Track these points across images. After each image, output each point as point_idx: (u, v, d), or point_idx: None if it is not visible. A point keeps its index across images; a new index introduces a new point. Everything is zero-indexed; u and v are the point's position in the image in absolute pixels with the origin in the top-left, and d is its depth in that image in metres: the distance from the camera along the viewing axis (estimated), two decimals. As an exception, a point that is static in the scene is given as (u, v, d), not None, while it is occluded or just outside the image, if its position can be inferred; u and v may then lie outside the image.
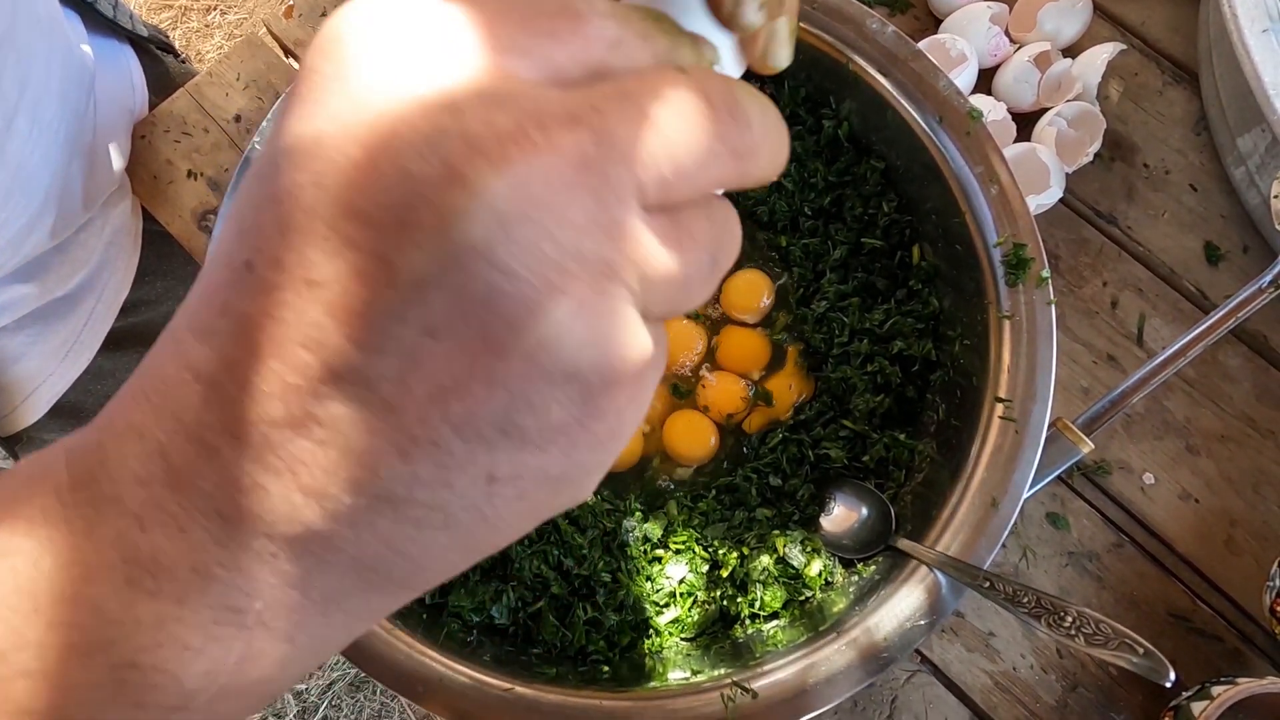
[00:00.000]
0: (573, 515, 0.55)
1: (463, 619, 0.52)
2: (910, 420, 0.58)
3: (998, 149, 0.55)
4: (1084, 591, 0.62)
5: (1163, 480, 0.64)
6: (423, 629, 0.48)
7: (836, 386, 0.60)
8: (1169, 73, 0.74)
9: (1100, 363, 0.66)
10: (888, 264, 0.61)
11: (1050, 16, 0.70)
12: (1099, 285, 0.68)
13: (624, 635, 0.52)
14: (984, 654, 0.61)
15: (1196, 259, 0.69)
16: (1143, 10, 0.76)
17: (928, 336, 0.58)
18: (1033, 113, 0.71)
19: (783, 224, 0.64)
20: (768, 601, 0.53)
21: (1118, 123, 0.72)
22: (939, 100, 0.56)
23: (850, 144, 0.63)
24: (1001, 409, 0.50)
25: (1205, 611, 0.61)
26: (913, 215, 0.61)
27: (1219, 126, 0.69)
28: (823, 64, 0.60)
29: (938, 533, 0.49)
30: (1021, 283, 0.52)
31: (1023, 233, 0.53)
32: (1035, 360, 0.51)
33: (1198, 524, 0.63)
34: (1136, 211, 0.70)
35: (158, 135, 0.75)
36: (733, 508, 0.58)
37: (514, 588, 0.52)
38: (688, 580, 0.54)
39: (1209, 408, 0.65)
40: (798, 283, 0.64)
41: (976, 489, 0.49)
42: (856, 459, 0.58)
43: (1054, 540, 0.63)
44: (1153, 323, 0.67)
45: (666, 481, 0.61)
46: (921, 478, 0.55)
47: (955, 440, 0.53)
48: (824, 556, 0.54)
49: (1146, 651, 0.34)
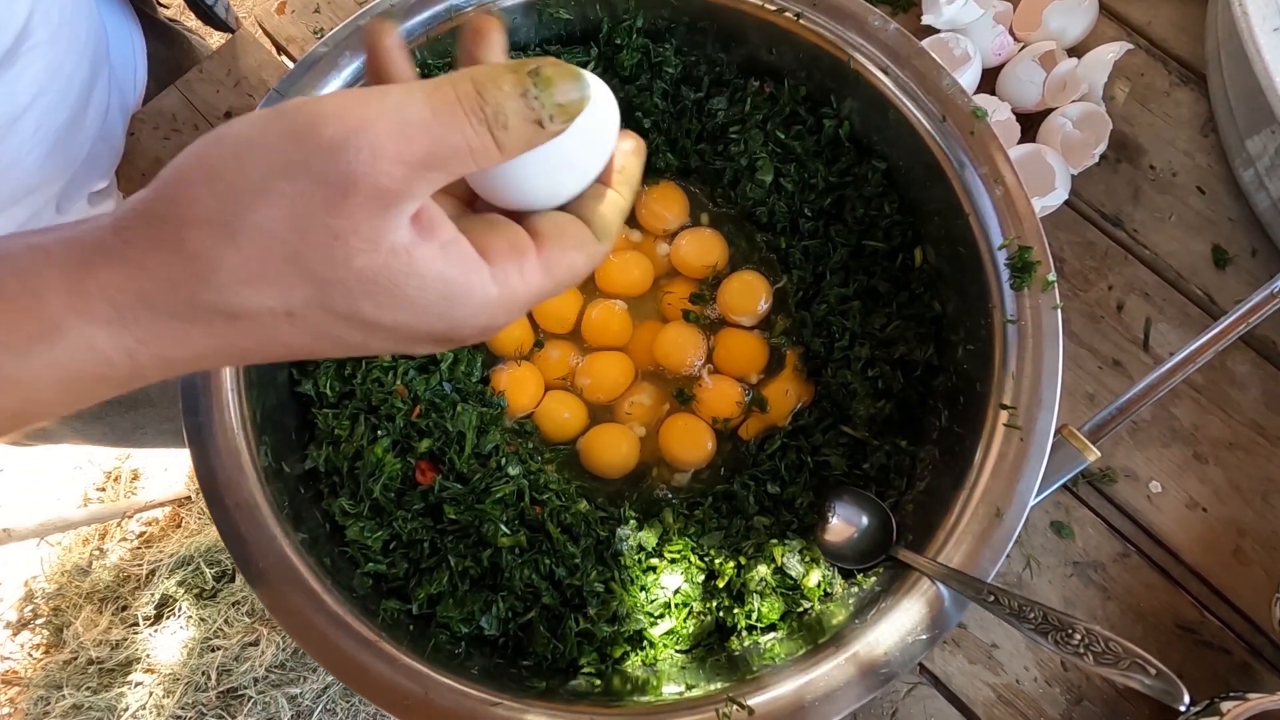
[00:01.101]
0: (565, 523, 0.54)
1: (451, 630, 0.50)
2: (912, 427, 0.57)
3: (1002, 149, 0.53)
4: (1089, 602, 0.60)
5: (1169, 489, 0.63)
6: (409, 640, 0.47)
7: (836, 392, 0.59)
8: (1176, 73, 0.72)
9: (1106, 368, 0.65)
10: (889, 267, 0.60)
11: (1056, 15, 0.69)
12: (1104, 289, 0.67)
13: (617, 647, 0.51)
14: (987, 666, 0.59)
15: (1204, 262, 0.68)
16: (1149, 9, 0.74)
17: (930, 341, 0.57)
18: (1037, 113, 0.70)
19: (782, 225, 0.63)
20: (765, 613, 0.51)
21: (1124, 124, 0.71)
22: (942, 99, 0.55)
23: (851, 144, 0.61)
24: (1006, 416, 0.49)
25: (1213, 623, 0.60)
26: (915, 217, 0.59)
27: (1227, 128, 0.68)
28: (823, 62, 0.59)
29: (940, 543, 0.48)
30: (1026, 286, 0.51)
31: (1028, 235, 0.52)
32: (1040, 366, 0.49)
33: (1205, 533, 0.61)
34: (1143, 214, 0.69)
35: (146, 133, 0.74)
36: (730, 516, 0.57)
37: (504, 598, 0.51)
38: (683, 590, 0.53)
39: (1217, 415, 0.64)
40: (797, 285, 0.62)
41: (980, 498, 0.48)
42: (857, 466, 0.57)
43: (1058, 549, 0.62)
44: (1159, 327, 0.66)
45: (663, 490, 0.60)
46: (923, 486, 0.54)
47: (958, 447, 0.52)
48: (823, 567, 0.53)
49: (1159, 673, 0.32)
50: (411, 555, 0.52)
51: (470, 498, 0.52)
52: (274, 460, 0.50)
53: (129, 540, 1.47)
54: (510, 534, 0.52)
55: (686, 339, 0.62)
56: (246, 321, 0.25)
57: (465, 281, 0.27)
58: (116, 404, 0.78)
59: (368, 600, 0.49)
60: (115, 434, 0.82)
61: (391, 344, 0.28)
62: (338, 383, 0.55)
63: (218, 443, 0.48)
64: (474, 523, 0.52)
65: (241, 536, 0.46)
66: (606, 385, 0.62)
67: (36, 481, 1.50)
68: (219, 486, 0.47)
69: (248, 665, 1.34)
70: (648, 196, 0.66)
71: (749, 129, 0.62)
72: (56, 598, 1.41)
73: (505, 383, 0.60)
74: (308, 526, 0.49)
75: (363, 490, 0.51)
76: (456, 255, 0.27)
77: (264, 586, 0.45)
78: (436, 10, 0.59)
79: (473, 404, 0.56)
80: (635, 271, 0.64)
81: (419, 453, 0.53)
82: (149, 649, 1.36)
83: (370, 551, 0.51)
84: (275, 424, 0.52)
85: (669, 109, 0.64)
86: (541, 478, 0.55)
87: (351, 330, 0.26)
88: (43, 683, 1.34)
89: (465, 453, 0.54)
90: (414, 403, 0.54)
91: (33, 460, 1.52)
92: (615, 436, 0.60)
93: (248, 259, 0.24)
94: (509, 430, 0.59)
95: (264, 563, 0.46)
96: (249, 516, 0.46)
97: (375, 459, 0.52)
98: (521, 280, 0.28)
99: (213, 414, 0.48)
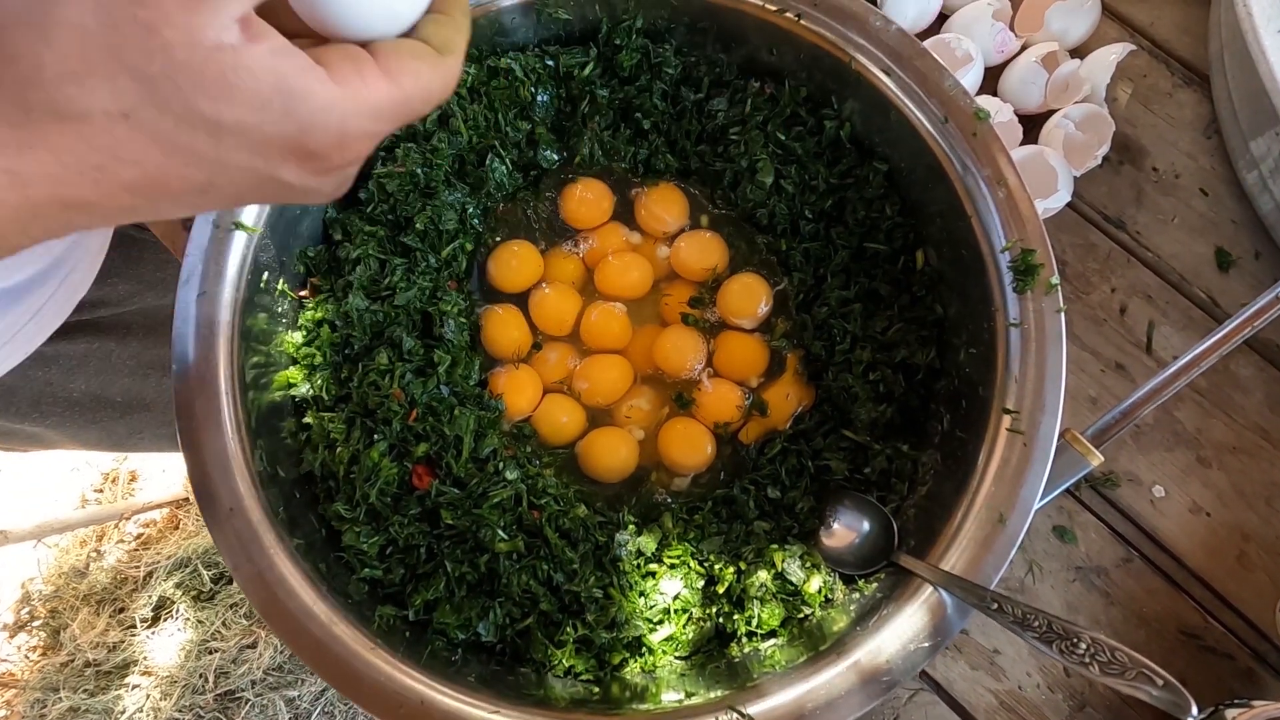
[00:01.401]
0: (564, 528, 0.53)
1: (448, 637, 0.50)
2: (914, 431, 0.57)
3: (1005, 150, 0.53)
4: (1091, 608, 0.60)
5: (1173, 493, 0.62)
6: (405, 648, 0.46)
7: (837, 395, 0.58)
8: (1179, 74, 0.72)
9: (1108, 371, 0.65)
10: (891, 269, 0.59)
11: (1058, 15, 0.69)
12: (1107, 292, 0.66)
13: (616, 654, 0.50)
14: (989, 672, 0.59)
15: (1207, 265, 0.67)
16: (1151, 10, 0.74)
17: (932, 344, 0.57)
18: (1039, 114, 0.69)
19: (782, 227, 0.63)
20: (765, 619, 0.51)
21: (1126, 125, 0.70)
22: (944, 100, 0.54)
23: (852, 145, 0.61)
24: (1009, 421, 0.48)
25: (1217, 629, 0.59)
26: (917, 219, 0.59)
27: (1231, 130, 0.67)
28: (824, 63, 0.58)
29: (942, 549, 0.48)
30: (1030, 290, 0.50)
31: (1031, 238, 0.51)
32: (1044, 370, 0.49)
33: (1209, 538, 0.61)
34: (1146, 216, 0.68)
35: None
36: (730, 520, 0.56)
37: (501, 604, 0.50)
38: (682, 596, 0.52)
39: (1220, 418, 0.64)
40: (798, 288, 0.62)
41: (983, 504, 0.47)
42: (858, 471, 0.56)
43: (1061, 554, 0.61)
44: (1162, 330, 0.65)
45: (663, 495, 0.59)
46: (925, 491, 0.53)
47: (960, 452, 0.51)
48: (824, 572, 0.52)
49: (1166, 683, 0.32)
50: (408, 561, 0.51)
51: (467, 502, 0.52)
52: (269, 465, 0.49)
53: (126, 542, 1.46)
54: (508, 539, 0.51)
55: (686, 342, 0.62)
56: (82, 125, 0.26)
57: (302, 79, 0.27)
58: (111, 408, 0.77)
59: (363, 606, 0.48)
60: (111, 439, 0.82)
61: (247, 156, 0.28)
62: (334, 385, 0.54)
63: (212, 447, 0.47)
64: (471, 528, 0.51)
65: (235, 543, 0.46)
66: (605, 389, 0.61)
67: (33, 483, 1.50)
68: (213, 492, 0.46)
69: (245, 668, 1.34)
70: (647, 198, 0.65)
71: (749, 130, 0.62)
72: (53, 600, 1.40)
73: (503, 385, 0.60)
74: (303, 532, 0.49)
75: (359, 495, 0.51)
76: (289, 56, 0.27)
77: (258, 593, 0.44)
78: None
79: (470, 407, 0.56)
80: (634, 274, 0.63)
81: (416, 457, 0.53)
82: (146, 651, 1.35)
83: (366, 557, 0.50)
84: (270, 428, 0.52)
85: (669, 110, 0.64)
86: (540, 482, 0.55)
87: (196, 135, 0.26)
88: (39, 685, 1.33)
89: (463, 457, 0.53)
90: (411, 406, 0.54)
91: (30, 462, 1.51)
92: (614, 440, 0.60)
93: (65, 55, 0.25)
94: (507, 434, 0.58)
95: (257, 568, 0.45)
96: (243, 522, 0.46)
97: (371, 463, 0.51)
98: (363, 83, 0.29)
99: (207, 418, 0.48)
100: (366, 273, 0.57)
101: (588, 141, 0.64)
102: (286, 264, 0.56)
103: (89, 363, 0.73)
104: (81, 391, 0.74)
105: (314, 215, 0.59)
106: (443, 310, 0.58)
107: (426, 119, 0.60)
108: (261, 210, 0.53)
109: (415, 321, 0.58)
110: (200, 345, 0.49)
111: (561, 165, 0.66)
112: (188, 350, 0.49)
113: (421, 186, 0.60)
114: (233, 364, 0.49)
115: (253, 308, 0.52)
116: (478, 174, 0.62)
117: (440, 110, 0.60)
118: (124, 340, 0.75)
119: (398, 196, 0.58)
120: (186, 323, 0.49)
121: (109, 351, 0.74)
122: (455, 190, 0.61)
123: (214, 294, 0.50)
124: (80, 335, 0.70)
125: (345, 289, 0.56)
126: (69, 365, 0.71)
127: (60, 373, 0.71)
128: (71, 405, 0.74)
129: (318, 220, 0.59)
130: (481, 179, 0.62)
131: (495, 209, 0.65)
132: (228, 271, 0.51)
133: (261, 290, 0.54)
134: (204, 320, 0.49)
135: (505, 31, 0.62)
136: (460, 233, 0.61)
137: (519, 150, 0.63)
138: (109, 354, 0.74)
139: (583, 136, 0.64)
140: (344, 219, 0.59)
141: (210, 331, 0.49)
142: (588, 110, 0.64)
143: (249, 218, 0.53)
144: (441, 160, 0.60)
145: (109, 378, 0.75)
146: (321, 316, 0.56)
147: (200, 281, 0.50)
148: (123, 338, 0.75)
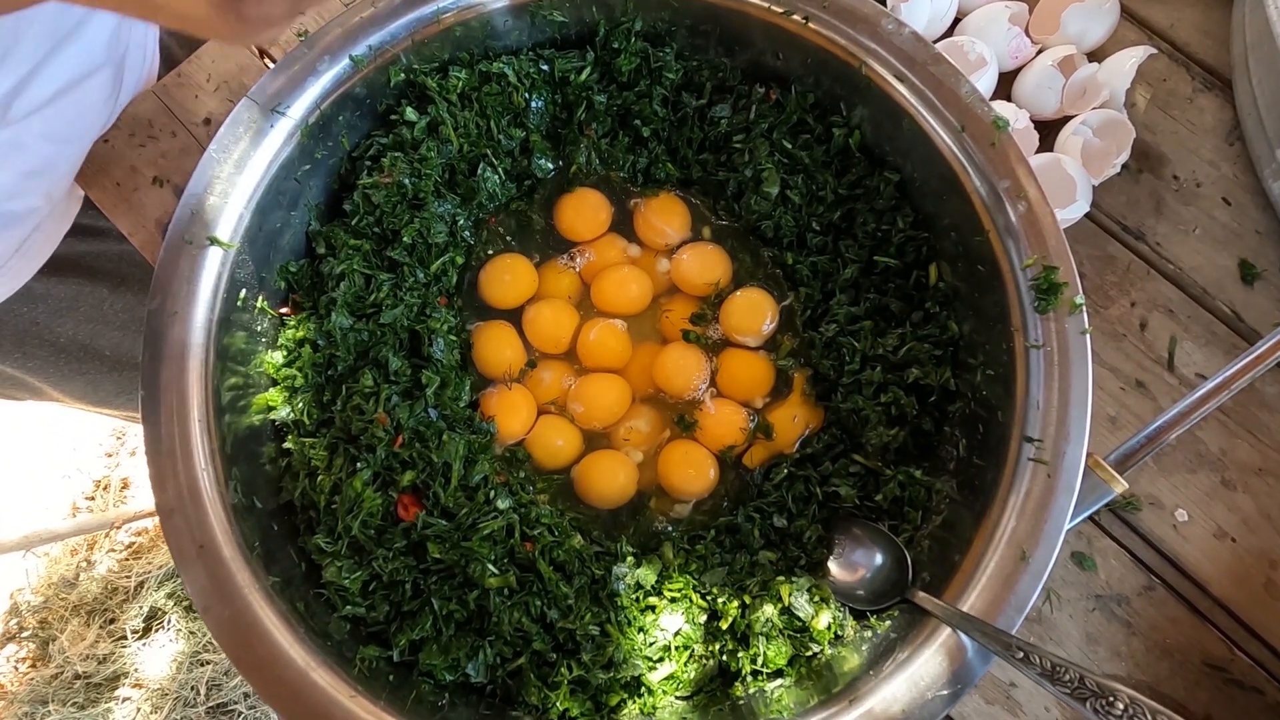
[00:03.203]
0: (558, 561, 0.51)
1: (434, 679, 0.47)
2: (927, 456, 0.54)
3: (1025, 161, 0.50)
4: (1112, 639, 0.57)
5: (1196, 517, 0.59)
6: (388, 693, 0.43)
7: (847, 418, 0.55)
8: (1200, 79, 0.69)
9: (1129, 389, 0.62)
10: (902, 284, 0.57)
11: (1075, 18, 0.66)
12: (1127, 306, 0.64)
13: (613, 695, 0.48)
14: (1004, 706, 0.56)
15: (1230, 278, 0.64)
16: (1171, 12, 0.71)
17: (946, 364, 0.54)
18: (1055, 120, 0.66)
19: (789, 240, 0.60)
20: (771, 657, 0.48)
21: (1146, 132, 0.68)
22: (960, 108, 0.52)
23: (862, 154, 0.59)
24: (1033, 450, 0.46)
25: (1243, 661, 0.57)
26: (930, 232, 0.56)
27: (1255, 136, 0.65)
28: (832, 68, 0.56)
29: (961, 586, 0.45)
30: (1052, 309, 0.48)
31: (1053, 254, 0.48)
32: (1069, 396, 0.46)
33: (1235, 565, 0.58)
34: (1166, 227, 0.66)
35: (121, 139, 0.70)
36: (733, 550, 0.53)
37: (492, 643, 0.48)
38: (684, 632, 0.50)
39: (1246, 439, 0.61)
40: (805, 304, 0.59)
41: (1004, 539, 0.45)
42: (869, 498, 0.53)
43: (1080, 582, 0.58)
44: (1184, 346, 0.63)
45: (663, 522, 0.57)
46: (940, 520, 0.51)
47: (978, 480, 0.49)
48: (834, 607, 0.49)
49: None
50: (392, 597, 0.48)
51: (456, 535, 0.49)
52: (244, 495, 0.47)
53: (117, 551, 1.44)
54: (499, 574, 0.49)
55: (687, 360, 0.59)
56: None
57: None
58: (99, 360, 0.76)
59: (344, 647, 0.45)
60: (97, 394, 0.80)
61: None
62: (315, 409, 0.52)
63: (181, 479, 0.44)
64: (460, 562, 0.48)
65: (206, 583, 0.43)
66: (602, 410, 0.58)
67: (23, 491, 1.47)
68: (181, 527, 0.44)
69: (238, 680, 1.32)
70: (647, 209, 0.63)
71: (754, 138, 0.59)
72: (43, 610, 1.38)
73: (495, 406, 0.57)
74: (280, 567, 0.46)
75: (341, 527, 0.48)
76: None
77: (229, 638, 0.41)
78: (423, 12, 0.56)
79: (460, 431, 0.53)
80: (633, 288, 0.61)
81: (401, 486, 0.50)
82: (137, 663, 1.33)
83: (348, 593, 0.47)
84: (247, 454, 0.49)
85: (669, 117, 0.62)
86: (533, 511, 0.52)
87: None
88: (28, 698, 1.31)
89: (451, 485, 0.50)
90: (396, 431, 0.51)
91: (20, 467, 1.49)
92: (611, 465, 0.57)
93: None
94: (499, 459, 0.55)
95: (230, 610, 0.42)
96: (214, 560, 0.43)
97: (355, 493, 0.48)
98: None
99: (176, 449, 0.45)
100: (351, 289, 0.54)
101: (584, 149, 0.62)
102: (267, 280, 0.54)
103: (79, 307, 0.71)
104: (69, 337, 0.73)
105: (296, 229, 0.56)
106: (431, 328, 0.55)
107: (415, 126, 0.57)
108: (239, 225, 0.50)
109: (402, 340, 0.55)
110: (170, 370, 0.46)
111: (557, 174, 0.63)
112: (156, 376, 0.46)
113: (409, 197, 0.57)
114: (205, 390, 0.47)
115: (230, 326, 0.50)
116: (469, 184, 0.59)
117: (429, 117, 0.58)
118: (117, 290, 0.74)
119: (384, 208, 0.56)
120: (156, 346, 0.46)
121: (101, 299, 0.73)
122: (445, 201, 0.58)
123: (185, 315, 0.47)
124: (72, 275, 0.68)
125: (329, 306, 0.54)
126: (57, 306, 0.70)
127: (48, 312, 0.70)
128: (58, 351, 0.73)
129: (300, 234, 0.56)
130: (473, 189, 0.59)
131: (487, 221, 0.62)
132: (200, 291, 0.48)
133: (239, 308, 0.51)
134: (174, 343, 0.47)
135: (497, 34, 0.60)
136: (450, 246, 0.58)
137: (512, 159, 0.61)
138: (101, 301, 0.73)
139: (579, 144, 0.62)
140: (328, 232, 0.56)
141: (181, 355, 0.47)
142: (584, 117, 0.61)
143: (225, 233, 0.50)
144: (430, 170, 0.57)
145: (98, 328, 0.74)
146: (303, 335, 0.53)
147: (170, 301, 0.47)
148: (116, 287, 0.73)
